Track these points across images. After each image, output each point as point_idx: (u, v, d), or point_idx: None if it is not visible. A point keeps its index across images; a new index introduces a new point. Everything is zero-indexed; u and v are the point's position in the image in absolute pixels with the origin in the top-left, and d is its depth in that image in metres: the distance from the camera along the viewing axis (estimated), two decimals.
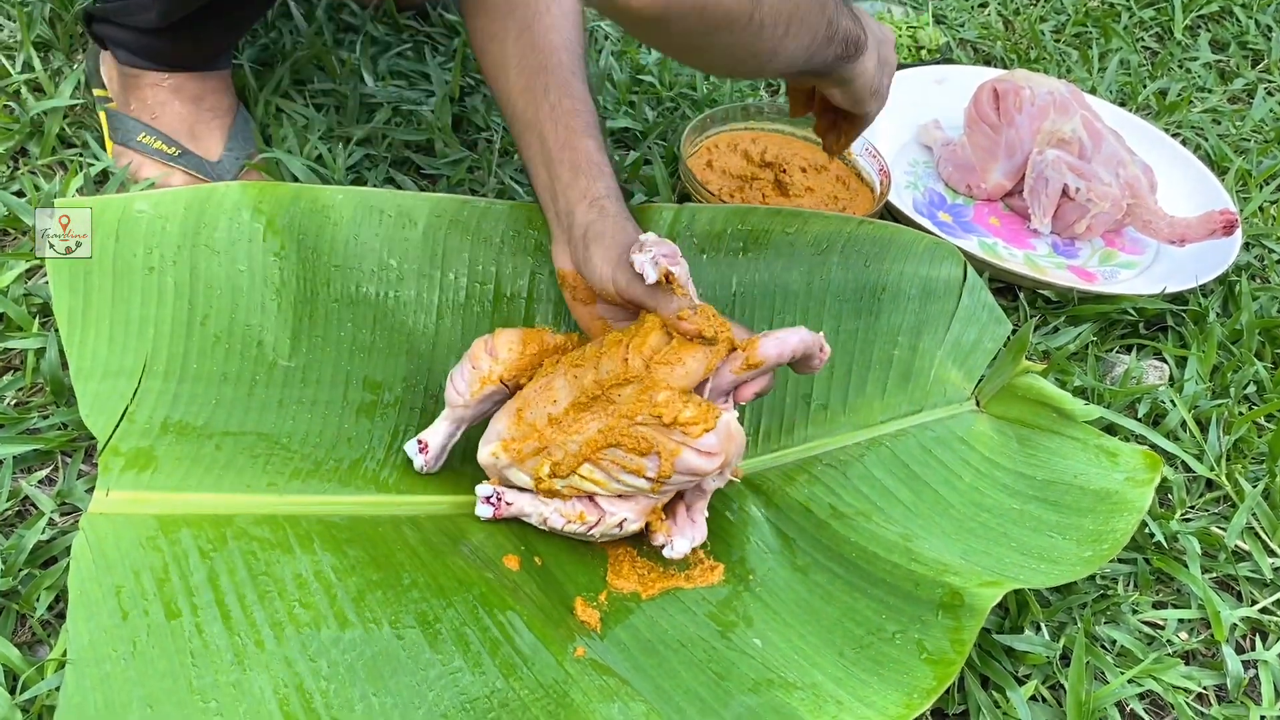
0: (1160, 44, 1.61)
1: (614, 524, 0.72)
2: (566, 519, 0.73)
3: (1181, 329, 1.10)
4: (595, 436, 0.70)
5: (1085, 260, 1.19)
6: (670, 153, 1.18)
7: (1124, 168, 1.18)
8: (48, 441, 0.79)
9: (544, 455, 0.72)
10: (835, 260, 0.95)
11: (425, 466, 0.78)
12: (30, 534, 0.73)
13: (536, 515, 0.75)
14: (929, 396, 0.95)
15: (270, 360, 0.79)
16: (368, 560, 0.70)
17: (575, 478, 0.72)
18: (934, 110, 1.33)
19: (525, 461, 0.73)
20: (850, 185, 1.16)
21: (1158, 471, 0.87)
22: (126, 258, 0.78)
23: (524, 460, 0.73)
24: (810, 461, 0.86)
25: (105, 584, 0.64)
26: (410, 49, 1.25)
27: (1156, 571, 0.86)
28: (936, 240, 0.99)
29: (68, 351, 0.75)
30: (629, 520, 0.73)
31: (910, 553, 0.77)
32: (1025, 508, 0.85)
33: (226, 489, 0.73)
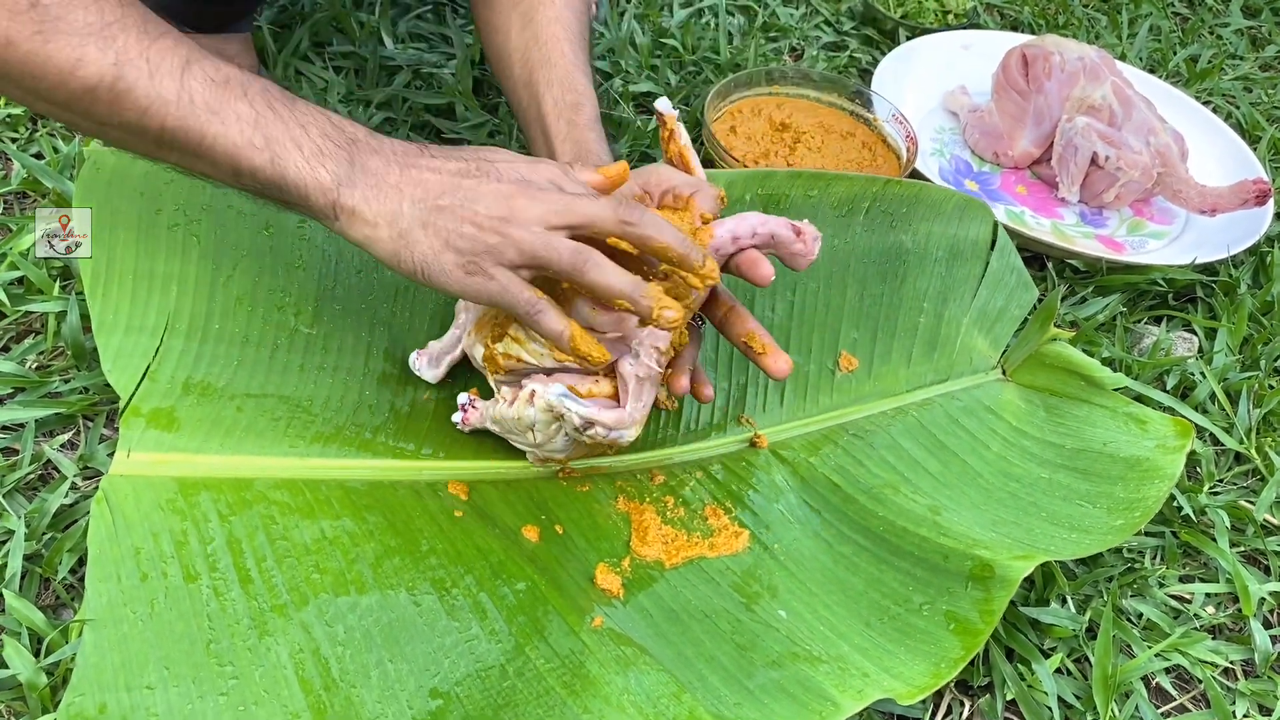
0: (1191, 10, 1.57)
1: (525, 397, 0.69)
2: (506, 401, 0.71)
3: (1211, 300, 1.08)
4: None
5: (1113, 230, 1.17)
6: (693, 117, 1.17)
7: (1155, 136, 1.16)
8: (69, 405, 0.79)
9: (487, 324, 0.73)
10: (860, 222, 0.93)
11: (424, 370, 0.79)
12: (53, 498, 0.73)
13: (489, 414, 0.73)
14: (955, 365, 0.93)
15: (292, 326, 0.79)
16: (386, 526, 0.70)
17: (507, 341, 0.71)
18: (960, 76, 1.31)
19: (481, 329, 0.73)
20: (876, 151, 1.15)
21: (1189, 439, 0.86)
22: (150, 213, 0.78)
23: (481, 329, 0.73)
24: (836, 431, 0.85)
25: (124, 545, 0.63)
26: (430, 11, 1.23)
27: (1184, 545, 0.85)
28: (966, 198, 0.98)
29: (90, 305, 0.75)
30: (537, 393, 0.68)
31: (939, 526, 0.76)
32: (1054, 476, 0.84)
33: (247, 451, 0.72)
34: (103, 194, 0.77)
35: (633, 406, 0.70)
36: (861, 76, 1.32)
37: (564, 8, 0.86)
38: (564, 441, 0.72)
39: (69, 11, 0.59)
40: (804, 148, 1.12)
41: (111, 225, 0.77)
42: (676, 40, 1.27)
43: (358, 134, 0.65)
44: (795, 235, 0.73)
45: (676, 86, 1.21)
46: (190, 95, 0.61)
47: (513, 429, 0.72)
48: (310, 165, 0.63)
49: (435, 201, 0.63)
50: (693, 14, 1.33)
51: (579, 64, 0.84)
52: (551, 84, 0.82)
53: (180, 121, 0.61)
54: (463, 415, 0.76)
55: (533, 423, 0.70)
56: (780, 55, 1.33)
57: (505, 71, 0.86)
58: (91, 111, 0.61)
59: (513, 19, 0.86)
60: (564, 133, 0.80)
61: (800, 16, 1.39)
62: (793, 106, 1.17)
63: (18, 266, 0.86)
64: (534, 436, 0.71)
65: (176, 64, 0.61)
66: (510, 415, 0.71)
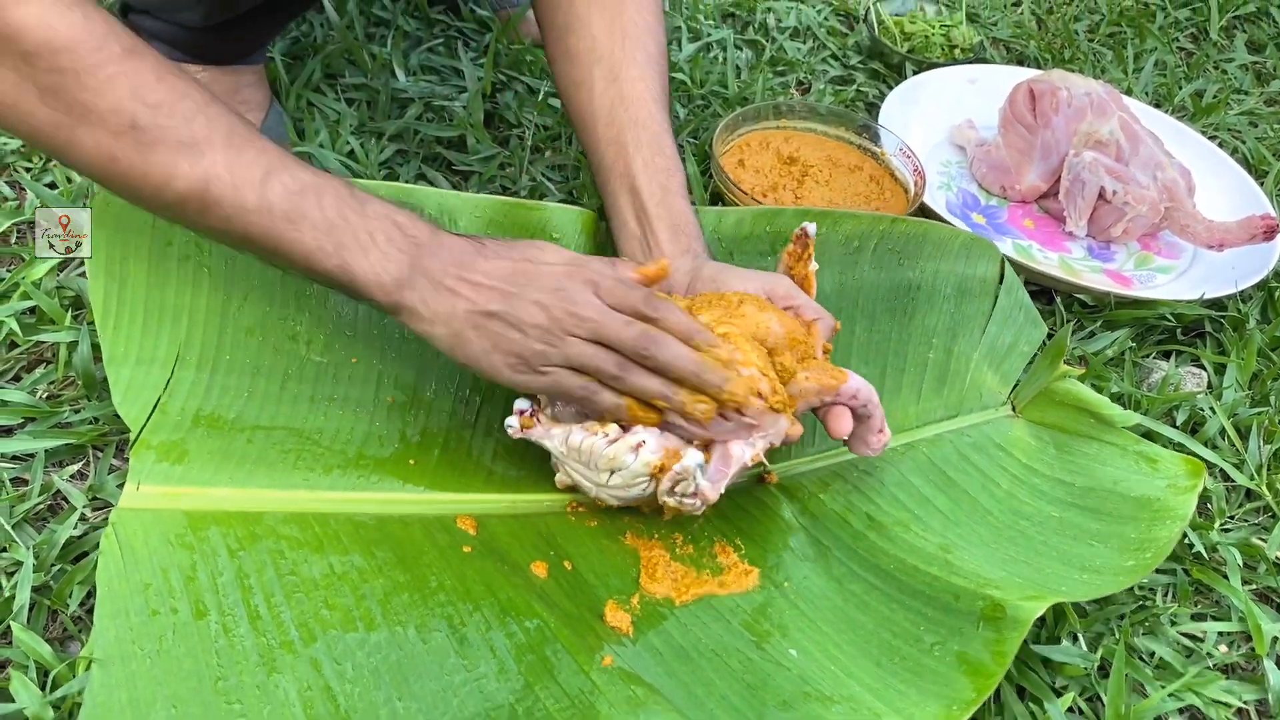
0: (1196, 45, 1.58)
1: (631, 444, 0.71)
2: (588, 431, 0.72)
3: (1220, 335, 1.08)
4: None
5: (1121, 264, 1.17)
6: (702, 150, 1.17)
7: (1162, 170, 1.17)
8: (79, 435, 0.79)
9: None
10: (868, 259, 0.94)
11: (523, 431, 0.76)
12: (62, 529, 0.72)
13: (560, 435, 0.73)
14: (965, 401, 0.93)
15: (303, 355, 0.79)
16: (395, 562, 0.69)
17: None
18: (967, 110, 1.31)
19: None
20: (884, 185, 1.15)
21: (1200, 478, 0.85)
22: (161, 246, 0.78)
23: None
24: (845, 467, 0.85)
25: (133, 581, 0.63)
26: (442, 44, 1.24)
27: (1195, 582, 0.85)
28: (972, 236, 0.98)
29: (101, 337, 0.75)
30: (647, 446, 0.71)
31: (950, 565, 0.76)
32: (1065, 515, 0.84)
33: (257, 484, 0.73)
34: (114, 227, 0.78)
35: (723, 485, 0.74)
36: (868, 110, 1.33)
37: (646, 66, 0.88)
38: (637, 493, 0.73)
39: (163, 131, 0.65)
40: (812, 181, 1.13)
41: (122, 258, 0.77)
42: (685, 74, 1.28)
43: (420, 236, 0.71)
44: (879, 429, 0.79)
45: (685, 119, 1.22)
46: (269, 205, 0.67)
47: (587, 461, 0.73)
48: (375, 270, 0.69)
49: (485, 307, 0.70)
50: (701, 48, 1.34)
51: (666, 127, 0.87)
52: (641, 145, 0.85)
53: (260, 229, 0.68)
54: (519, 420, 0.75)
55: (622, 467, 0.72)
56: (787, 89, 1.33)
57: (588, 127, 0.88)
58: (183, 217, 0.69)
59: (595, 74, 0.88)
60: (658, 197, 0.84)
61: (807, 51, 1.40)
62: (800, 140, 1.18)
63: (30, 296, 0.86)
64: (606, 478, 0.73)
65: (257, 176, 0.67)
66: (602, 452, 0.72)
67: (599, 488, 0.74)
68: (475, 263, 0.71)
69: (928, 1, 1.50)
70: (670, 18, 1.37)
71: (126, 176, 0.67)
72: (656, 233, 0.83)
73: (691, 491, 0.72)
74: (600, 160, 0.87)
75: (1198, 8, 1.64)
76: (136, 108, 0.65)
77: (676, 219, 0.83)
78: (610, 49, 0.88)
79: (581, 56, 0.89)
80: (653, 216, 0.83)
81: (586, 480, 0.74)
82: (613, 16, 0.88)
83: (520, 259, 0.72)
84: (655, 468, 0.72)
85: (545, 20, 0.92)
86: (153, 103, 0.65)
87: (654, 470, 0.72)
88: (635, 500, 0.74)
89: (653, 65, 0.89)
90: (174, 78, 0.67)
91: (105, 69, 0.64)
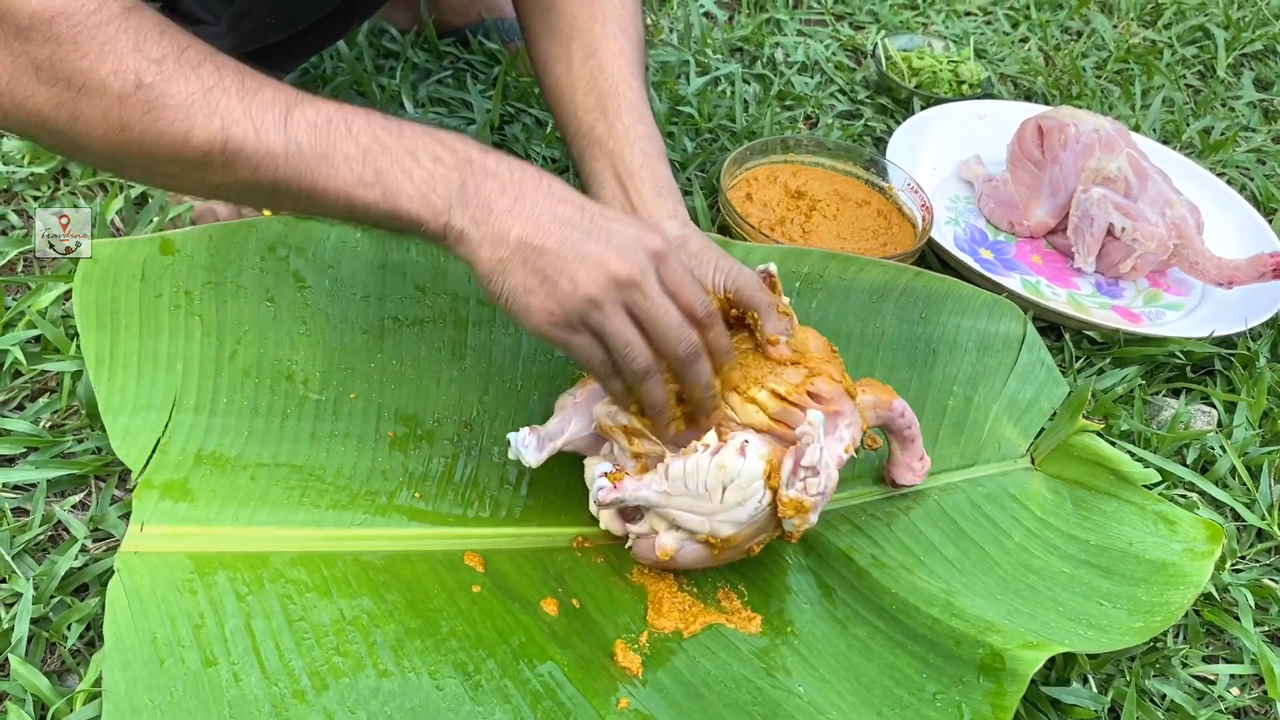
0: (1203, 82, 1.59)
1: (735, 447, 0.69)
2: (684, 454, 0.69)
3: (1230, 373, 1.08)
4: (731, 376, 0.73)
5: (1130, 301, 1.17)
6: (710, 183, 1.17)
7: (1170, 207, 1.16)
8: (81, 466, 0.78)
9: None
10: (890, 308, 0.94)
11: (529, 450, 0.73)
12: (63, 560, 0.72)
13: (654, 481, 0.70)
14: (982, 450, 0.92)
15: (301, 394, 0.79)
16: (405, 606, 0.69)
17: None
18: (975, 145, 1.31)
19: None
20: (891, 220, 1.15)
21: (1219, 544, 0.84)
22: (152, 297, 0.78)
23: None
24: (854, 511, 0.84)
25: (142, 630, 0.62)
26: (450, 76, 1.25)
27: (1207, 624, 0.84)
28: (994, 297, 0.98)
29: (96, 387, 0.75)
30: (752, 445, 0.69)
31: (951, 607, 0.75)
32: (1076, 572, 0.82)
33: (262, 522, 0.72)
34: (100, 283, 0.77)
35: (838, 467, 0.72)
36: (876, 145, 1.33)
37: (626, 43, 0.88)
38: (753, 507, 0.69)
39: (171, 85, 0.61)
40: (819, 215, 1.13)
41: (113, 311, 0.77)
42: (693, 108, 1.28)
43: (471, 153, 0.66)
44: (921, 455, 0.81)
45: (693, 153, 1.22)
46: (297, 144, 0.63)
47: (694, 488, 0.69)
48: (421, 193, 0.64)
49: (540, 242, 0.64)
50: (709, 82, 1.34)
51: (645, 99, 0.87)
52: (621, 113, 0.84)
53: (291, 171, 0.63)
54: (608, 480, 0.71)
55: (735, 476, 0.68)
56: (795, 123, 1.34)
57: (566, 98, 0.87)
58: (206, 177, 0.64)
59: (574, 49, 0.87)
60: (640, 160, 0.82)
61: (815, 85, 1.41)
62: (808, 174, 1.18)
63: (35, 325, 0.86)
64: (720, 496, 0.68)
65: (279, 115, 0.63)
66: (709, 466, 0.68)
67: (712, 517, 0.69)
68: (538, 193, 0.66)
69: (935, 37, 1.50)
70: (679, 52, 1.38)
71: (140, 143, 0.62)
72: (642, 193, 0.81)
73: (815, 464, 0.68)
74: (578, 128, 0.86)
75: (1204, 45, 1.65)
76: (141, 65, 0.61)
77: (659, 181, 0.82)
78: (590, 26, 0.88)
79: (561, 33, 0.88)
80: (637, 179, 0.82)
81: (695, 515, 0.70)
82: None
83: (588, 208, 0.67)
84: (769, 465, 0.68)
85: (526, 2, 0.92)
86: (157, 57, 0.61)
87: (768, 470, 0.68)
88: (751, 523, 0.70)
89: (632, 44, 0.88)
90: (176, 31, 0.63)
91: (104, 30, 0.60)
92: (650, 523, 0.72)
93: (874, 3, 1.60)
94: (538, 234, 0.64)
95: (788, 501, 0.69)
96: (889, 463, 0.84)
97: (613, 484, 0.70)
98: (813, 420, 0.69)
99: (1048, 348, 1.00)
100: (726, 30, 1.47)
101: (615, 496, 0.70)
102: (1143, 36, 1.65)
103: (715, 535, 0.70)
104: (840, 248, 1.08)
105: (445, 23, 1.29)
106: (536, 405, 0.83)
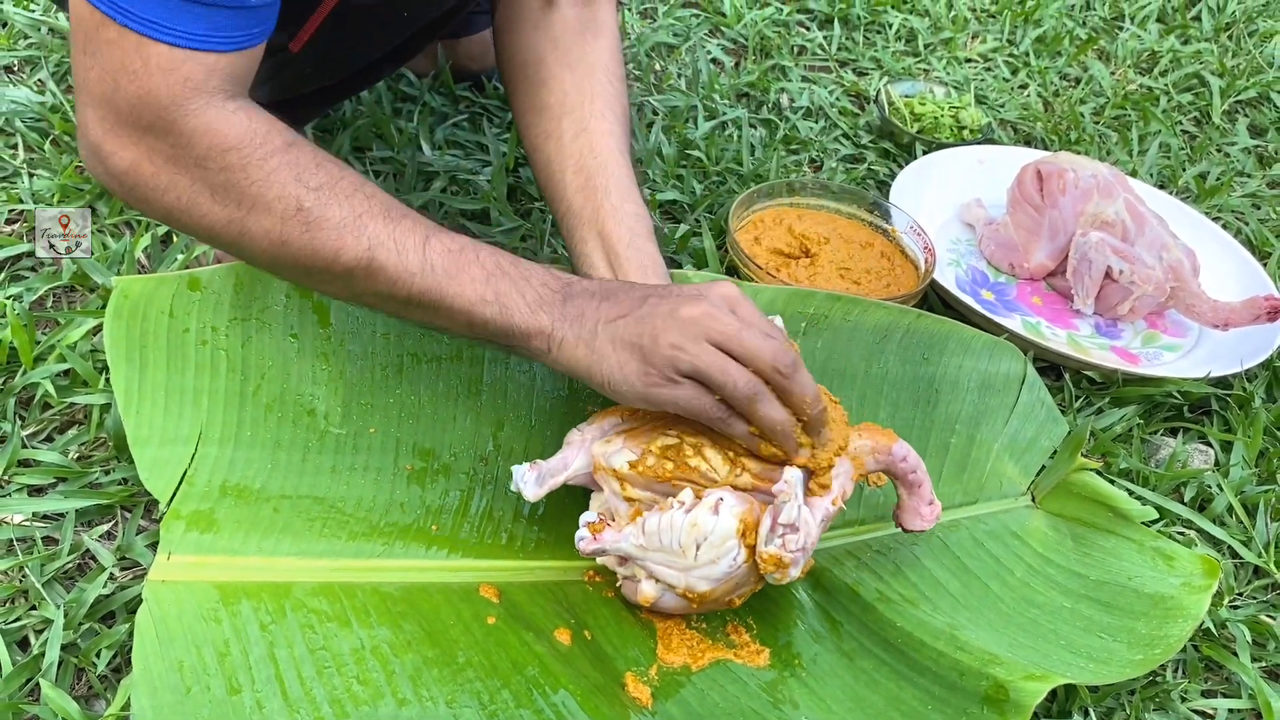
0: (1199, 128, 1.62)
1: (709, 505, 0.70)
2: (660, 509, 0.70)
3: (1226, 413, 1.10)
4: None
5: (1128, 342, 1.19)
6: (717, 225, 1.20)
7: (1167, 251, 1.19)
8: (109, 496, 0.81)
9: (658, 433, 0.73)
10: (893, 349, 0.96)
11: (529, 485, 0.75)
12: (91, 588, 0.74)
13: (633, 534, 0.71)
14: (985, 488, 0.95)
15: (322, 428, 0.81)
16: (423, 635, 0.71)
17: (697, 452, 0.72)
18: (976, 189, 1.35)
19: (638, 438, 0.73)
20: (895, 262, 1.18)
21: (1215, 578, 0.86)
22: (179, 332, 0.81)
23: (637, 438, 0.73)
24: (859, 547, 0.86)
25: (169, 658, 0.64)
26: (466, 120, 1.29)
27: (1206, 659, 0.85)
28: (995, 339, 1.01)
29: (124, 420, 0.78)
30: (726, 503, 0.70)
31: (955, 640, 0.77)
32: (1077, 607, 0.84)
33: (285, 553, 0.74)
34: (130, 319, 0.81)
35: (821, 525, 0.72)
36: (879, 188, 1.36)
37: (614, 122, 0.91)
38: (727, 565, 0.70)
39: (327, 210, 0.70)
40: (825, 257, 1.15)
41: (142, 345, 0.80)
42: (701, 151, 1.32)
43: (570, 280, 0.75)
44: (930, 500, 0.81)
45: (700, 195, 1.25)
46: (431, 265, 0.71)
47: (669, 543, 0.70)
48: (531, 310, 0.72)
49: (620, 319, 0.71)
50: (716, 126, 1.38)
51: (633, 177, 0.90)
52: (610, 192, 0.87)
53: (423, 288, 0.71)
54: (588, 529, 0.73)
55: (708, 534, 0.69)
56: (800, 167, 1.37)
57: (555, 175, 0.91)
58: (351, 286, 0.73)
59: (564, 125, 0.91)
60: (627, 240, 0.86)
61: (819, 130, 1.44)
62: (813, 217, 1.21)
63: (65, 359, 0.88)
64: (694, 553, 0.70)
65: (419, 240, 0.72)
66: (682, 524, 0.69)
67: (687, 572, 0.71)
68: (619, 290, 0.74)
69: (936, 84, 1.54)
70: (687, 97, 1.42)
71: (297, 257, 0.71)
72: (628, 274, 0.84)
73: (794, 521, 0.69)
74: (569, 207, 0.89)
75: (1199, 93, 1.69)
76: (301, 192, 0.70)
77: (645, 261, 0.85)
78: (579, 103, 0.91)
79: (551, 109, 0.92)
80: (623, 259, 0.85)
81: (672, 570, 0.71)
82: (582, 77, 0.92)
83: (658, 289, 0.74)
84: (742, 524, 0.70)
85: (515, 76, 0.96)
86: (315, 185, 0.70)
87: (741, 529, 0.70)
88: (727, 579, 0.71)
89: (620, 123, 0.92)
90: (330, 163, 0.72)
91: (269, 161, 0.69)
92: (633, 568, 0.74)
93: (876, 50, 1.64)
94: (618, 314, 0.71)
95: (767, 557, 0.70)
96: (896, 508, 0.83)
97: (593, 534, 0.73)
98: (789, 478, 0.70)
99: (1047, 387, 1.02)
100: (733, 76, 1.50)
101: (595, 548, 0.73)
102: (1139, 84, 1.69)
103: (692, 590, 0.72)
104: (845, 289, 1.11)
105: (461, 68, 1.33)
106: (551, 440, 0.85)
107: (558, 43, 0.93)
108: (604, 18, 0.96)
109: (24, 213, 1.04)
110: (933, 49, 1.68)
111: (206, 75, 0.68)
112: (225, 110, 0.69)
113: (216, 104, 0.69)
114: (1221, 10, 1.90)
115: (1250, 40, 1.84)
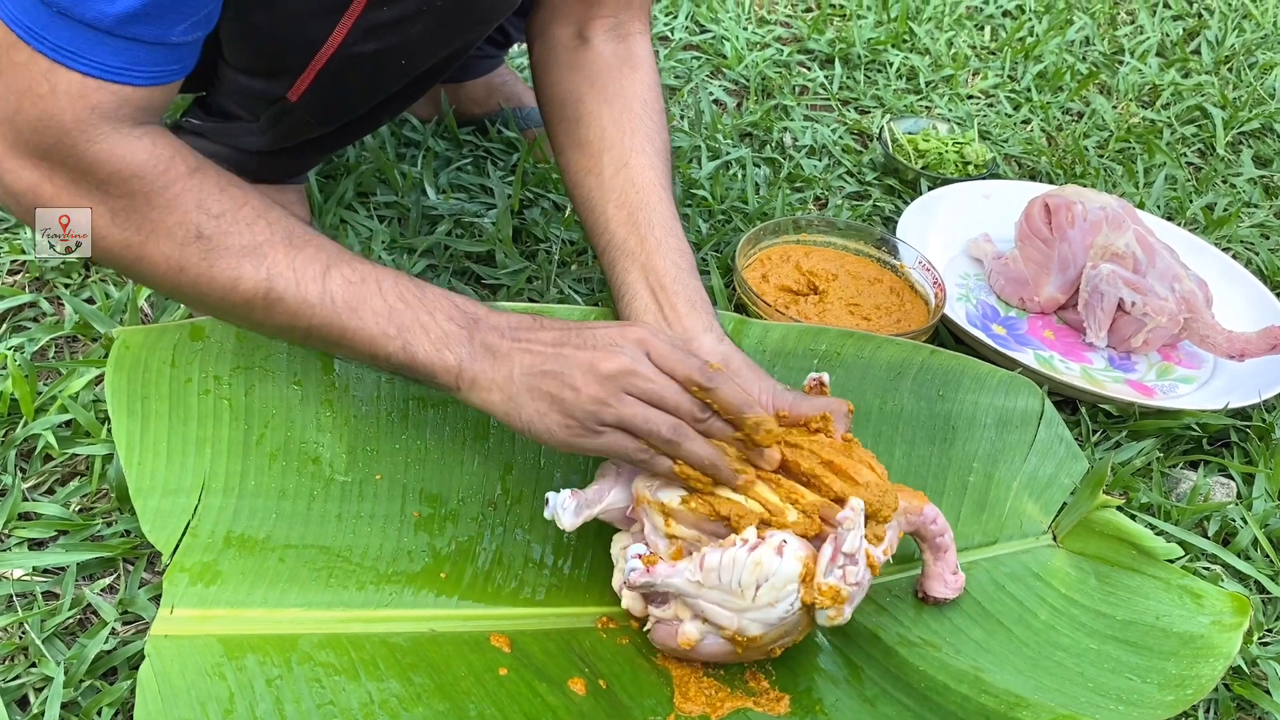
0: (1203, 160, 1.62)
1: (774, 546, 0.69)
2: (723, 546, 0.69)
3: (1246, 445, 1.08)
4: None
5: (1143, 374, 1.18)
6: (724, 263, 1.20)
7: (1179, 282, 1.18)
8: (111, 549, 0.79)
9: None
10: (908, 386, 0.95)
11: (566, 514, 0.74)
12: (92, 644, 0.72)
13: (688, 569, 0.69)
14: (1004, 528, 0.92)
15: (327, 476, 0.80)
16: (433, 689, 0.69)
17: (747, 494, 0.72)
18: (982, 224, 1.34)
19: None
20: (904, 297, 1.17)
21: (1246, 616, 0.83)
22: (182, 382, 0.80)
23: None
24: (877, 590, 0.84)
25: (172, 716, 0.63)
26: (470, 163, 1.28)
27: (1237, 698, 0.83)
28: (1010, 375, 0.99)
29: (126, 471, 0.77)
30: (790, 545, 0.69)
31: (980, 684, 0.75)
32: (1104, 648, 0.82)
33: (290, 604, 0.73)
34: (132, 369, 0.80)
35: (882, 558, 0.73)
36: (885, 224, 1.35)
37: (654, 156, 0.91)
38: (784, 609, 0.69)
39: (227, 238, 0.70)
40: (833, 294, 1.14)
41: (144, 396, 0.79)
42: (706, 190, 1.31)
43: (479, 313, 0.73)
44: (955, 569, 0.82)
45: (707, 234, 1.24)
46: (331, 297, 0.71)
47: (727, 582, 0.68)
48: (436, 347, 0.71)
49: (539, 368, 0.70)
50: (720, 166, 1.37)
51: (675, 212, 0.90)
52: (654, 226, 0.88)
53: (324, 320, 0.71)
54: (641, 562, 0.70)
55: (770, 575, 0.68)
56: (805, 204, 1.37)
57: (598, 210, 0.90)
58: (249, 317, 0.72)
59: (605, 162, 0.91)
60: (673, 274, 0.86)
61: (823, 167, 1.44)
62: (820, 254, 1.20)
63: (67, 409, 0.87)
64: (753, 594, 0.68)
65: (318, 271, 0.71)
66: (744, 562, 0.68)
67: (742, 614, 0.69)
68: (530, 330, 0.73)
69: (939, 120, 1.54)
70: (690, 137, 1.42)
71: (195, 284, 0.70)
72: (676, 307, 0.84)
73: (855, 551, 0.68)
74: (610, 240, 0.89)
75: (1203, 125, 1.69)
76: (201, 218, 0.69)
77: (693, 295, 0.85)
78: (619, 139, 0.91)
79: (591, 145, 0.92)
80: (670, 292, 0.85)
81: (725, 610, 0.69)
82: (621, 111, 0.92)
83: (573, 327, 0.73)
84: (805, 569, 0.69)
85: (554, 114, 0.96)
86: (216, 212, 0.69)
87: (804, 574, 0.69)
88: (780, 624, 0.70)
89: (660, 156, 0.92)
90: (235, 188, 0.71)
91: (172, 188, 0.69)
92: (675, 609, 0.72)
93: (878, 88, 1.65)
94: (534, 362, 0.71)
95: (825, 590, 0.69)
96: (921, 575, 0.83)
97: (646, 567, 0.70)
98: (854, 506, 0.70)
99: (1064, 421, 1.01)
100: (736, 116, 1.50)
101: (647, 580, 0.70)
102: (1142, 116, 1.68)
103: (742, 633, 0.70)
104: (855, 325, 1.10)
105: (464, 112, 1.33)
106: (559, 484, 0.84)
107: (595, 79, 0.94)
108: (640, 52, 0.97)
109: (25, 263, 1.03)
110: (934, 86, 1.69)
111: (118, 105, 0.67)
112: (130, 136, 0.68)
113: (123, 130, 0.68)
114: (1220, 44, 1.91)
115: (1251, 72, 1.84)
